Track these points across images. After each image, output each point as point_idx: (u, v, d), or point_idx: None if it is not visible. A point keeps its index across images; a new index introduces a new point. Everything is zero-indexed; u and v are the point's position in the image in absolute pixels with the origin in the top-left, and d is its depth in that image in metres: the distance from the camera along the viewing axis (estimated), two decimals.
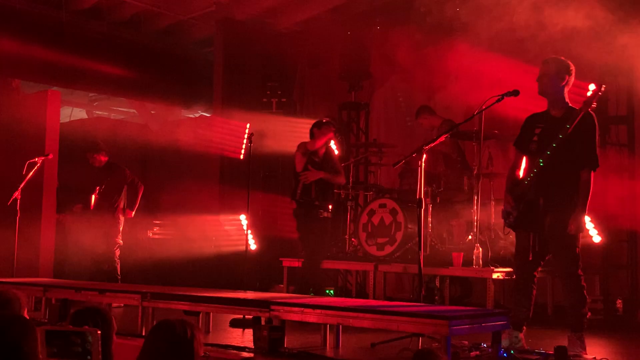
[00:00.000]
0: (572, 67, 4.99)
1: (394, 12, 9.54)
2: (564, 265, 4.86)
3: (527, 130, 5.08)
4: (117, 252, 8.44)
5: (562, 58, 5.04)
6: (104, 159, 8.64)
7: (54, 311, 6.52)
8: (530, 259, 4.89)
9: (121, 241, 8.47)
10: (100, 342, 2.50)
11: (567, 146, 4.74)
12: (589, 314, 4.96)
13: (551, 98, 5.03)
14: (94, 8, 11.03)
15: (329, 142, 7.79)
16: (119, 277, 8.36)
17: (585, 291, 4.85)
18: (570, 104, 5.01)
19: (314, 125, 7.52)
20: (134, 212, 8.58)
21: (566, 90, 5.00)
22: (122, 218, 8.52)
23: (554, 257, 4.93)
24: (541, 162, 4.76)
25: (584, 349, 4.84)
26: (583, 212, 4.76)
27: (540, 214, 4.86)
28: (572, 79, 5.00)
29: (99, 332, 2.53)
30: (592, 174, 4.80)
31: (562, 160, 4.76)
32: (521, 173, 5.09)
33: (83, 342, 2.51)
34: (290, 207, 9.91)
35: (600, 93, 4.86)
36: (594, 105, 4.82)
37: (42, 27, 10.64)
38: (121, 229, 8.49)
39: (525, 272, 5.00)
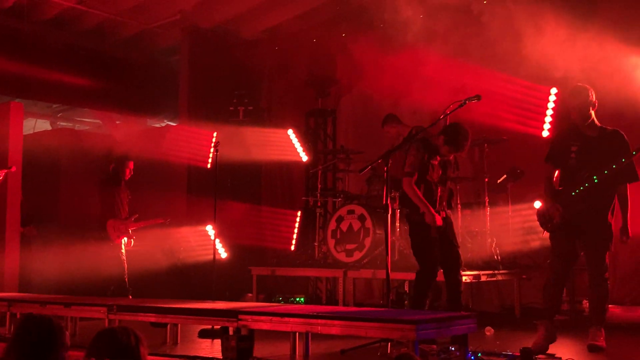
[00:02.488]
0: (592, 91, 5.49)
1: (359, 19, 9.59)
2: (595, 268, 5.36)
3: (561, 147, 5.57)
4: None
5: (583, 85, 5.54)
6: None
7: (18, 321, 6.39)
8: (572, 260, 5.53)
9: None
10: None
11: (610, 163, 5.26)
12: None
13: (585, 123, 5.51)
14: (57, 18, 10.89)
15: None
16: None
17: (607, 291, 5.42)
18: (599, 124, 5.54)
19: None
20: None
21: (594, 111, 5.51)
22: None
23: (587, 260, 5.44)
24: (596, 179, 5.25)
25: (603, 338, 5.30)
26: (628, 222, 5.34)
27: (585, 222, 5.35)
28: (595, 99, 5.49)
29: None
30: (628, 185, 5.40)
31: (607, 176, 5.28)
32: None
33: None
34: (257, 215, 9.85)
35: None
36: None
37: (4, 38, 10.47)
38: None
39: (561, 271, 5.49)
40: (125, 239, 8.33)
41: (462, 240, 7.50)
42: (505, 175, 7.68)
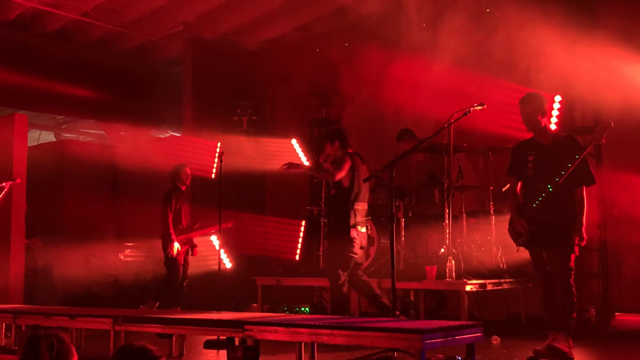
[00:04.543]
0: (546, 99, 5.53)
1: (361, 29, 9.60)
2: (560, 278, 5.34)
3: (519, 158, 5.64)
4: None
5: (535, 93, 5.57)
6: None
7: (24, 338, 6.37)
8: (549, 269, 5.43)
9: None
10: None
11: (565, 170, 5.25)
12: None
13: (538, 131, 5.53)
14: (60, 31, 10.95)
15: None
16: None
17: (575, 298, 5.32)
18: (553, 131, 5.62)
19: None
20: None
21: (547, 119, 5.53)
22: None
23: (551, 269, 5.40)
24: (550, 188, 5.26)
25: (571, 347, 5.18)
26: (582, 225, 5.29)
27: (549, 232, 5.35)
28: (549, 108, 5.61)
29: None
30: (585, 189, 5.35)
31: (563, 183, 5.24)
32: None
33: None
34: (262, 225, 9.82)
35: (609, 128, 5.22)
36: (604, 141, 5.28)
37: (8, 50, 10.54)
38: None
39: (547, 281, 5.46)
40: (189, 249, 8.30)
41: (467, 249, 7.49)
42: (509, 184, 7.66)
